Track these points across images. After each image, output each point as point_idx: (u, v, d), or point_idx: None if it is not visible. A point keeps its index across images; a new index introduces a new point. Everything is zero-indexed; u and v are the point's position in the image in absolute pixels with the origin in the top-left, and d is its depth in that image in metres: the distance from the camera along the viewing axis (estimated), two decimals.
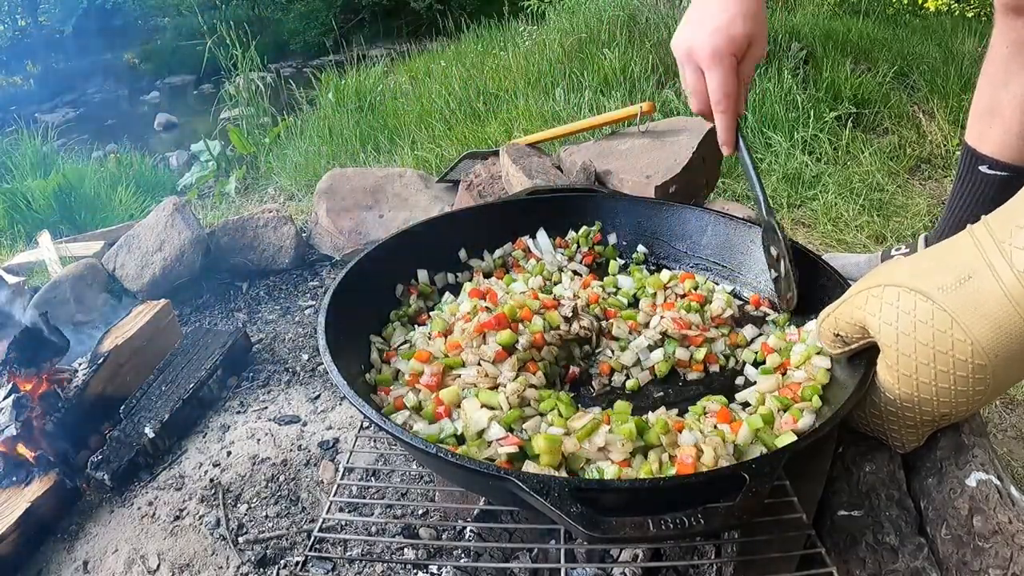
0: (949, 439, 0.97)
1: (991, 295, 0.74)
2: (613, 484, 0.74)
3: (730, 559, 0.84)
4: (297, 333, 1.62)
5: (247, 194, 4.00)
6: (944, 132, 3.57)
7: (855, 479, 0.95)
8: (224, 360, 1.38)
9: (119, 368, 1.32)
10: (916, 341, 0.79)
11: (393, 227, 1.89)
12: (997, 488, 0.89)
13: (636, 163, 1.74)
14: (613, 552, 0.89)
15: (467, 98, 4.44)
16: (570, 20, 4.99)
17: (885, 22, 5.25)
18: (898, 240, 2.70)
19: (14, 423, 1.15)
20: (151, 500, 1.12)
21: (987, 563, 0.81)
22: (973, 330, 0.75)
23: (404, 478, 1.12)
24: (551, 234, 1.35)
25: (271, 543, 1.02)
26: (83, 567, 1.03)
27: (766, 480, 0.69)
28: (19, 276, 1.84)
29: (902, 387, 0.84)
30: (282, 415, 1.30)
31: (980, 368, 0.77)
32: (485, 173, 1.92)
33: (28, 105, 8.53)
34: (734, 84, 1.06)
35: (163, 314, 1.45)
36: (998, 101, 1.46)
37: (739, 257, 1.25)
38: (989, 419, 1.89)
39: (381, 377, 1.02)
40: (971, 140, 1.55)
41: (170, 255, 1.72)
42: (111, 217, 3.57)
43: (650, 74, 4.01)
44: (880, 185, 3.14)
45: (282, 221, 1.87)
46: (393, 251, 1.20)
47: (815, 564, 0.79)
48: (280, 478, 1.14)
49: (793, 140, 3.35)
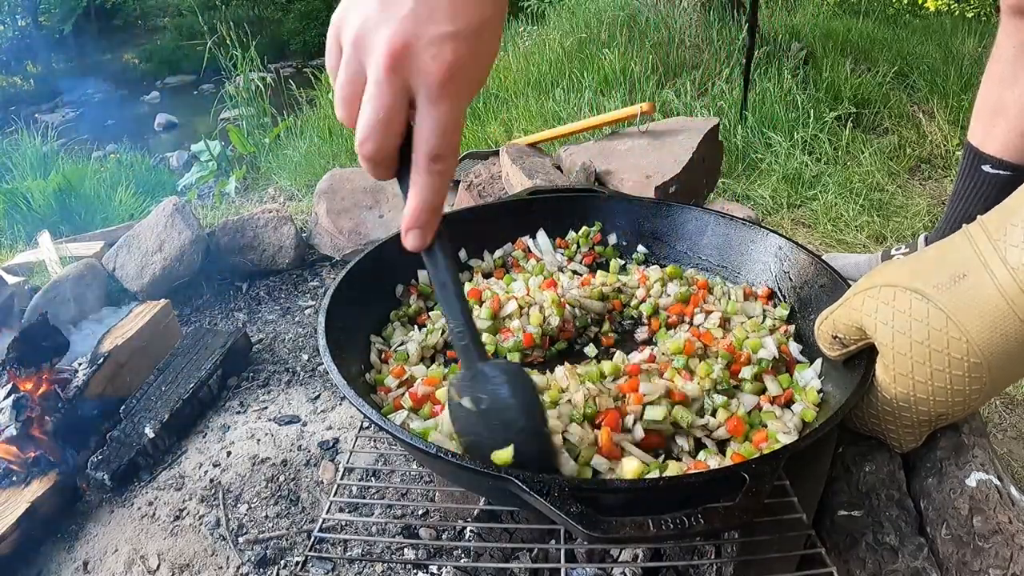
0: (949, 439, 0.97)
1: (986, 293, 0.74)
2: (613, 484, 0.74)
3: (730, 559, 0.84)
4: (297, 333, 1.62)
5: (247, 194, 4.01)
6: (944, 132, 3.57)
7: (855, 479, 0.94)
8: (224, 360, 1.38)
9: (119, 368, 1.32)
10: (912, 340, 0.79)
11: (393, 227, 1.89)
12: (997, 488, 0.89)
13: (636, 163, 1.74)
14: (613, 552, 0.89)
15: None
16: (570, 20, 5.00)
17: (885, 22, 5.26)
18: (898, 240, 2.71)
19: (14, 423, 1.15)
20: (151, 500, 1.12)
21: (987, 563, 0.81)
22: (968, 328, 0.75)
23: (404, 478, 1.13)
24: (551, 234, 1.35)
25: (271, 543, 1.02)
26: (83, 567, 1.03)
27: (766, 480, 0.69)
28: (19, 276, 1.84)
29: (898, 386, 0.84)
30: (282, 415, 1.30)
31: (976, 366, 0.77)
32: (485, 173, 1.92)
33: (28, 105, 8.54)
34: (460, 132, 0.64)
35: (163, 314, 1.45)
36: (1003, 101, 1.47)
37: (739, 257, 1.25)
38: (989, 419, 1.89)
39: (381, 377, 1.02)
40: (974, 140, 1.55)
41: (170, 255, 1.72)
42: (111, 217, 3.57)
43: (650, 74, 4.02)
44: (880, 185, 3.14)
45: (282, 221, 1.87)
46: (393, 251, 1.19)
47: (815, 564, 0.79)
48: (280, 478, 1.14)
49: (793, 140, 3.35)
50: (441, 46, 0.57)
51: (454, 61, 0.57)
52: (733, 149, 3.35)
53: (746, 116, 3.48)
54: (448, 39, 0.57)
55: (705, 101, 3.75)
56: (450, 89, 0.59)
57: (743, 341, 1.01)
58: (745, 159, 3.33)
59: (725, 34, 4.19)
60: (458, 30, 0.57)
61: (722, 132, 3.03)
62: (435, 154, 0.61)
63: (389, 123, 0.60)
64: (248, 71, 5.14)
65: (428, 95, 0.59)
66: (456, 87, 0.59)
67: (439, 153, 0.61)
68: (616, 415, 0.84)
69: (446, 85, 0.58)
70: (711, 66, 4.00)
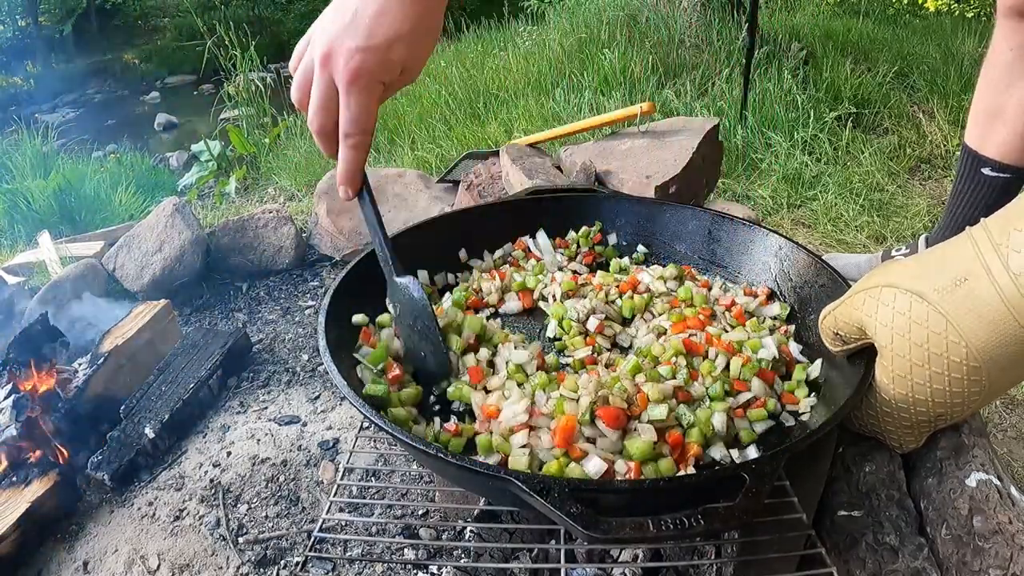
0: (949, 439, 0.97)
1: (986, 298, 0.74)
2: (613, 484, 0.74)
3: (730, 559, 0.84)
4: (297, 333, 1.62)
5: (247, 194, 4.00)
6: (944, 132, 3.57)
7: (855, 479, 0.95)
8: (224, 360, 1.38)
9: (119, 368, 1.32)
10: (911, 342, 0.79)
11: (393, 227, 1.89)
12: (997, 488, 0.89)
13: (636, 163, 1.74)
14: (613, 552, 0.89)
15: (467, 98, 4.45)
16: (570, 20, 4.99)
17: (885, 22, 5.26)
18: (898, 240, 2.71)
19: (14, 423, 1.15)
20: (151, 500, 1.12)
21: (987, 563, 0.81)
22: (968, 333, 0.75)
23: (404, 478, 1.12)
24: (551, 234, 1.34)
25: (271, 543, 1.02)
26: (83, 567, 1.03)
27: (766, 480, 0.69)
28: (19, 276, 1.84)
29: (897, 388, 0.84)
30: (282, 415, 1.30)
31: (974, 370, 0.77)
32: (485, 173, 1.92)
33: (28, 105, 8.54)
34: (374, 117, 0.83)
35: (163, 314, 1.45)
36: (1001, 104, 1.46)
37: (739, 257, 1.25)
38: (989, 419, 1.90)
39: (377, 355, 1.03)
40: (972, 142, 1.55)
41: (170, 255, 1.72)
42: (111, 217, 3.57)
43: (650, 74, 4.02)
44: (880, 185, 3.14)
45: (282, 221, 1.87)
46: (393, 251, 1.20)
47: (815, 564, 0.79)
48: (280, 478, 1.14)
49: (793, 140, 3.35)
50: (350, 56, 0.77)
51: (358, 67, 0.78)
52: (733, 149, 3.35)
53: (746, 116, 3.48)
54: (357, 51, 0.77)
55: (705, 101, 3.75)
56: (356, 87, 0.79)
57: (743, 343, 1.01)
58: (745, 159, 3.33)
59: (725, 34, 4.19)
60: (368, 45, 0.77)
61: (722, 132, 3.03)
62: (346, 132, 0.82)
63: (325, 107, 0.81)
64: (248, 71, 5.14)
65: (341, 89, 0.79)
66: (360, 85, 0.79)
67: (348, 131, 0.82)
68: (617, 413, 0.84)
69: (352, 83, 0.78)
70: (711, 66, 4.00)
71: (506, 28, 5.87)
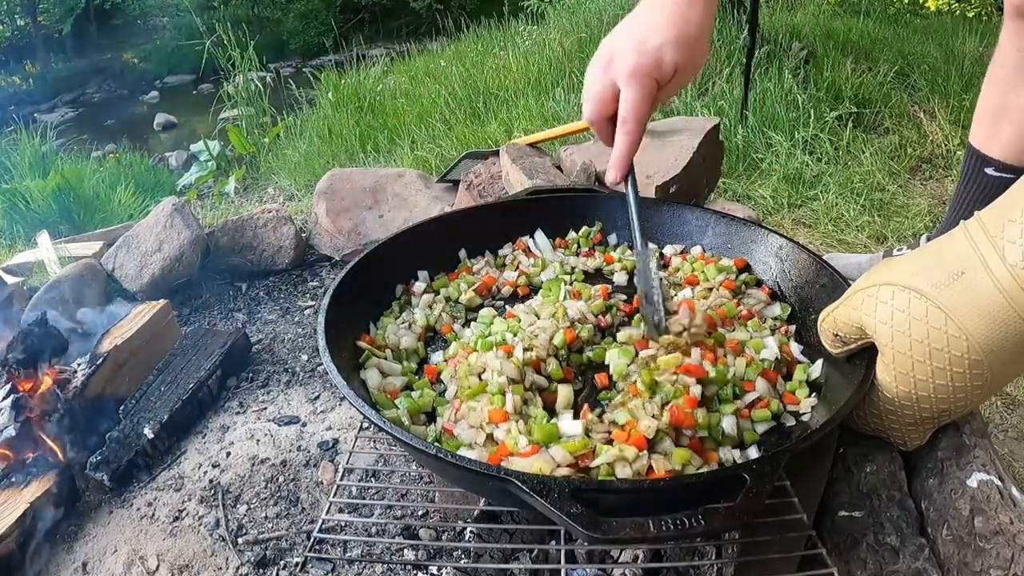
0: (950, 439, 0.97)
1: (984, 290, 0.74)
2: (613, 485, 0.73)
3: (731, 560, 0.84)
4: (297, 333, 1.62)
5: (247, 194, 4.00)
6: (945, 132, 3.56)
7: (856, 480, 0.94)
8: (223, 360, 1.38)
9: (118, 368, 1.31)
10: (911, 339, 0.79)
11: (393, 227, 1.89)
12: (998, 489, 0.88)
13: (636, 163, 1.73)
14: (613, 553, 0.89)
15: (467, 98, 4.45)
16: (570, 20, 5.00)
17: (886, 22, 5.26)
18: (899, 240, 2.70)
19: (14, 423, 1.15)
20: (150, 501, 1.12)
21: (988, 564, 0.81)
22: (967, 326, 0.75)
23: (404, 479, 1.12)
24: (551, 234, 1.34)
25: (271, 544, 1.02)
26: (82, 568, 1.03)
27: (766, 481, 0.69)
28: (18, 276, 1.84)
29: (900, 385, 0.84)
30: (281, 416, 1.30)
31: (976, 363, 0.77)
32: (485, 173, 1.92)
33: (27, 105, 8.54)
34: (647, 108, 0.97)
35: (162, 314, 1.45)
36: (1007, 105, 1.46)
37: (739, 257, 1.25)
38: (990, 419, 1.89)
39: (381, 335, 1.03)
40: (976, 143, 1.54)
41: (169, 255, 1.72)
42: (110, 217, 3.57)
43: None
44: (881, 185, 3.13)
45: (282, 221, 1.86)
46: (393, 251, 1.20)
47: (816, 565, 0.79)
48: (280, 479, 1.14)
49: (794, 140, 3.35)
50: (626, 57, 0.95)
51: (634, 65, 0.94)
52: (733, 149, 3.34)
53: (747, 116, 3.48)
54: (632, 53, 0.95)
55: (705, 100, 3.74)
56: (632, 80, 0.95)
57: (746, 343, 1.01)
58: (746, 159, 3.32)
59: (725, 34, 4.19)
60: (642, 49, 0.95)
61: (722, 132, 3.02)
62: (623, 118, 0.96)
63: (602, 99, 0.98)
64: (247, 71, 5.14)
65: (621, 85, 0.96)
66: (635, 80, 0.95)
67: (624, 118, 0.96)
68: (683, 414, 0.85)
69: (629, 79, 0.95)
70: (711, 66, 4.00)
71: (506, 27, 5.86)
